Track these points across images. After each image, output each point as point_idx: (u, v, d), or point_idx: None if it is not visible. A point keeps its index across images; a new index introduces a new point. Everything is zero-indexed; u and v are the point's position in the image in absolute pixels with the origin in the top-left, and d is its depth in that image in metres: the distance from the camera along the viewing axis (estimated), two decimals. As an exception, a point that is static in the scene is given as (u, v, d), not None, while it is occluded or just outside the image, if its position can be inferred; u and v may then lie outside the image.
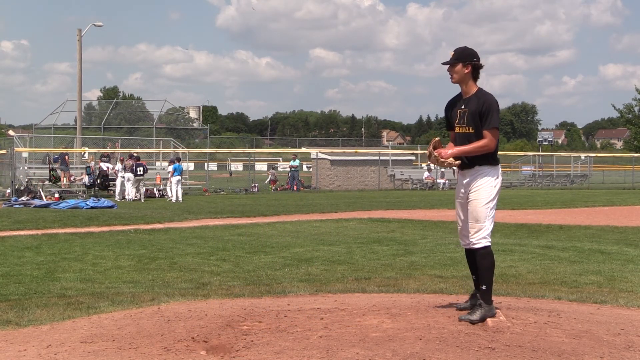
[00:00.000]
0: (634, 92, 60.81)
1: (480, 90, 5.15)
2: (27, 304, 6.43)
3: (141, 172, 26.06)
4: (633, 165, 45.62)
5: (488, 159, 5.16)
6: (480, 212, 5.12)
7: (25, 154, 30.41)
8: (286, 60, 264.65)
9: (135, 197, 25.90)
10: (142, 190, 26.58)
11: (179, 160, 27.32)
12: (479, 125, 5.05)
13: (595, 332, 4.87)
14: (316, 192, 34.99)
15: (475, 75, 5.11)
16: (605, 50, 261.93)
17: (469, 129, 5.11)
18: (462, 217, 5.30)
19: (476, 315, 4.98)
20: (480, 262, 5.19)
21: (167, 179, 27.14)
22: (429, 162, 5.16)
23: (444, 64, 5.16)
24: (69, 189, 27.95)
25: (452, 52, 5.13)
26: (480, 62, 5.11)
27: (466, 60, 5.05)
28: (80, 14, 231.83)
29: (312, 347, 4.47)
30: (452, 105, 5.26)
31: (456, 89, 5.27)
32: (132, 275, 8.40)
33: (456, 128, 5.17)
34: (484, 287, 5.16)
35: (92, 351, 4.62)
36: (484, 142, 5.05)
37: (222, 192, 32.37)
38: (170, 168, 26.43)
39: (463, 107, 5.13)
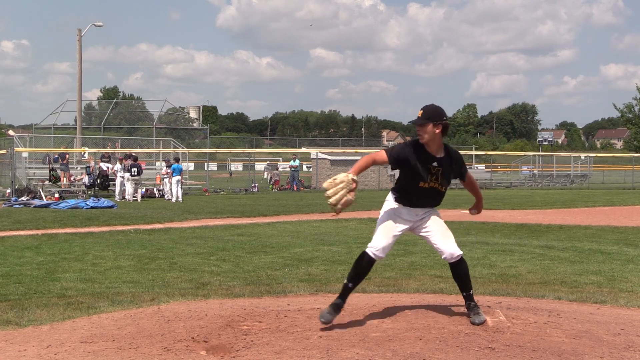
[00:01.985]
0: (634, 92, 60.87)
1: (447, 146, 5.16)
2: (27, 304, 6.43)
3: (135, 173, 25.97)
4: (633, 165, 45.61)
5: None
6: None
7: (25, 154, 30.41)
8: (287, 60, 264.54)
9: (134, 197, 25.89)
10: (140, 190, 26.54)
11: (177, 160, 27.30)
12: (449, 182, 5.26)
13: (595, 332, 4.87)
14: (316, 192, 34.99)
15: (444, 134, 5.03)
16: (607, 50, 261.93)
17: (442, 188, 5.20)
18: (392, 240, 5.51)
19: (483, 315, 5.07)
20: (466, 269, 5.24)
21: (165, 178, 27.13)
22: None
23: (412, 122, 5.09)
24: (69, 189, 27.96)
25: (421, 111, 5.01)
26: (448, 119, 5.06)
27: (437, 120, 4.93)
28: (81, 14, 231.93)
29: (312, 347, 4.47)
30: (414, 157, 5.04)
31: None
32: (132, 275, 8.40)
33: (430, 184, 5.11)
34: (472, 292, 5.22)
35: (92, 351, 4.62)
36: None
37: (222, 192, 32.38)
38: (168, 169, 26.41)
39: (436, 164, 5.05)
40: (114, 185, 27.19)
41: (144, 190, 27.46)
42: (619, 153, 77.89)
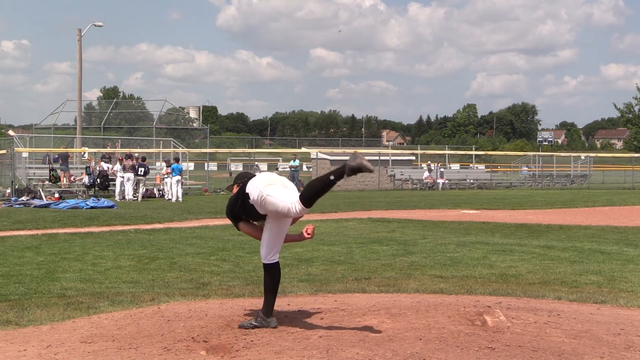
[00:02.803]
0: (635, 92, 60.84)
1: None
2: (27, 304, 6.43)
3: (142, 173, 26.26)
4: (633, 165, 45.59)
5: None
6: None
7: (25, 154, 30.40)
8: (287, 60, 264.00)
9: (134, 197, 25.94)
10: (142, 190, 26.68)
11: (177, 160, 27.35)
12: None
13: (595, 332, 4.87)
14: (316, 192, 34.94)
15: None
16: (607, 50, 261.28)
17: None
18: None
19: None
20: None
21: (165, 178, 27.21)
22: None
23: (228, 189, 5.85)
24: (69, 189, 27.96)
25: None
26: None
27: (236, 182, 5.60)
28: (81, 14, 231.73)
29: (312, 347, 4.47)
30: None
31: None
32: (132, 275, 8.40)
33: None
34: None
35: (92, 351, 4.62)
36: None
37: (222, 192, 32.36)
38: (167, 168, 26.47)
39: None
40: (114, 185, 27.22)
41: (144, 190, 27.49)
42: (619, 153, 77.89)
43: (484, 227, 14.87)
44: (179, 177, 26.14)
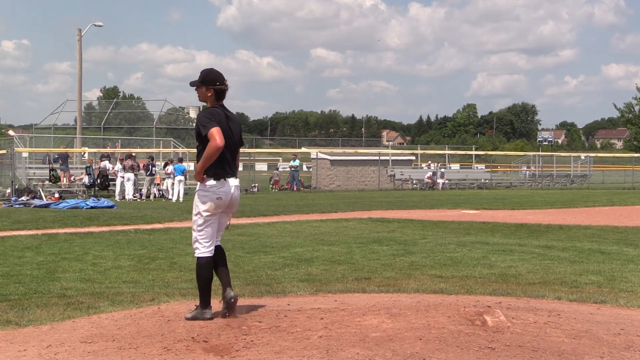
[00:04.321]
0: (635, 92, 60.89)
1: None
2: (27, 304, 6.43)
3: (154, 172, 27.06)
4: (633, 165, 45.62)
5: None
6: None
7: (25, 154, 30.41)
8: (287, 60, 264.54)
9: (134, 197, 26.02)
10: (154, 189, 27.28)
11: (181, 160, 27.46)
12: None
13: (595, 332, 4.87)
14: (316, 192, 34.99)
15: (218, 97, 5.30)
16: (608, 50, 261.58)
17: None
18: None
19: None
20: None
21: (164, 179, 27.36)
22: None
23: (191, 84, 5.32)
24: (69, 189, 27.96)
25: (200, 74, 5.30)
26: (225, 85, 5.26)
27: (209, 85, 5.24)
28: (81, 14, 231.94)
29: (312, 347, 4.47)
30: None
31: None
32: (132, 275, 8.40)
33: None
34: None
35: (92, 351, 4.62)
36: None
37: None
38: (170, 168, 26.53)
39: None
40: (114, 185, 27.26)
41: (144, 190, 27.56)
42: (619, 153, 77.90)
43: (484, 227, 14.87)
44: (181, 177, 26.20)
